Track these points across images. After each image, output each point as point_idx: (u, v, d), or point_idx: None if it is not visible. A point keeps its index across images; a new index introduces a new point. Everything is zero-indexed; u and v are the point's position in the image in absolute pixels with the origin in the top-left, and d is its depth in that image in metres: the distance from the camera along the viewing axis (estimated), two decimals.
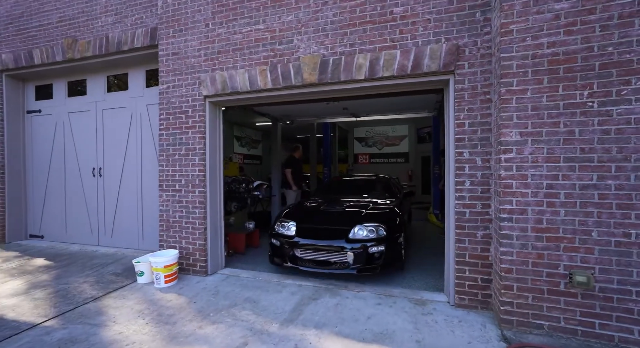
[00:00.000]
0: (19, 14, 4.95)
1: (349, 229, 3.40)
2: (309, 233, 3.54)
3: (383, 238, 3.32)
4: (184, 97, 3.68)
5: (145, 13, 4.23)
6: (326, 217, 3.81)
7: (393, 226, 3.51)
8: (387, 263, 3.33)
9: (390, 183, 5.35)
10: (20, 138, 5.39)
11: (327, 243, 3.35)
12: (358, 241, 3.29)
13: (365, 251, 3.25)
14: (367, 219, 3.55)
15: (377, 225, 3.40)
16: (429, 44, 2.81)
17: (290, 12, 3.22)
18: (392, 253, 3.39)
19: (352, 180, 5.74)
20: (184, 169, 3.68)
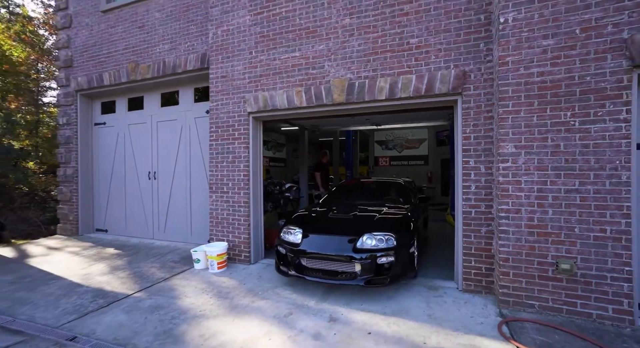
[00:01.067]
0: (91, 44, 5.88)
1: (356, 238, 3.19)
2: (315, 241, 3.35)
3: (393, 248, 3.11)
4: (231, 113, 4.39)
5: (195, 41, 5.00)
6: (334, 224, 3.62)
7: (404, 234, 3.31)
8: (398, 274, 3.15)
9: (404, 187, 4.90)
10: (89, 147, 6.34)
11: (333, 252, 3.17)
12: (366, 250, 3.09)
13: (374, 262, 3.05)
14: (377, 227, 3.33)
15: (387, 234, 3.18)
16: (440, 70, 3.34)
17: (322, 42, 3.85)
18: (403, 263, 3.20)
19: (365, 184, 5.33)
20: (231, 174, 4.39)
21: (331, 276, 3.18)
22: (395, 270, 3.12)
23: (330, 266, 3.22)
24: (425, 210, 5.38)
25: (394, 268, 3.11)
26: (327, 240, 3.34)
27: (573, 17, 2.68)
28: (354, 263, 3.09)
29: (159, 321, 2.77)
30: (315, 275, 3.24)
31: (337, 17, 3.75)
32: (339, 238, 3.28)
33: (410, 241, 3.35)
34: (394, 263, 3.10)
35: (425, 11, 3.40)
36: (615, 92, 2.57)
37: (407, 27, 3.46)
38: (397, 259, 3.12)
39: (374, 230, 3.27)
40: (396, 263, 3.11)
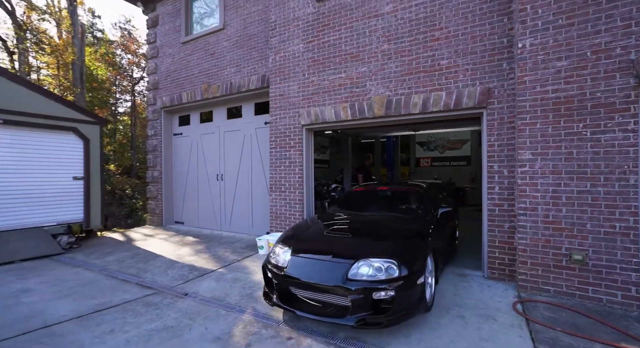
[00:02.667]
0: (173, 69, 7.19)
1: (350, 264, 2.59)
2: (303, 265, 2.79)
3: (395, 279, 2.46)
4: (287, 125, 5.27)
5: (257, 64, 5.97)
6: (328, 244, 3.04)
7: (412, 260, 2.65)
8: (400, 313, 2.48)
9: (426, 195, 4.11)
10: (170, 153, 7.69)
11: (320, 281, 2.58)
12: (359, 281, 2.47)
13: (369, 297, 2.42)
14: (378, 249, 2.73)
15: (387, 260, 2.56)
16: (467, 87, 3.87)
17: (364, 65, 4.55)
18: (407, 298, 2.52)
19: (379, 192, 4.54)
20: (288, 176, 5.27)
21: (319, 309, 2.61)
22: (398, 308, 2.44)
23: (320, 296, 2.62)
24: (452, 219, 4.47)
25: (396, 305, 2.42)
26: (316, 264, 2.74)
27: (584, 41, 3.09)
28: (346, 296, 2.47)
29: (240, 287, 3.69)
30: (302, 307, 2.67)
31: (376, 43, 4.43)
32: (330, 264, 2.67)
33: (420, 268, 2.64)
34: (395, 299, 2.41)
35: (454, 36, 3.95)
36: (624, 106, 2.94)
37: (437, 51, 4.04)
38: (399, 293, 2.43)
39: (374, 253, 2.65)
40: (398, 298, 2.42)
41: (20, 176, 5.67)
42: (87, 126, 6.51)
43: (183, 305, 3.23)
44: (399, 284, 2.46)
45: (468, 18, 3.88)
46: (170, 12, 7.31)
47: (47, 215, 6.01)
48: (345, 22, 4.66)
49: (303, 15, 5.04)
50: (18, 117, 5.53)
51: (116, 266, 4.60)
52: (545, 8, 3.27)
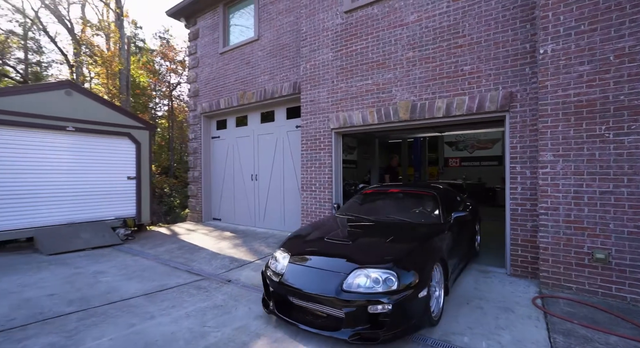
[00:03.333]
0: (212, 78, 7.83)
1: (345, 274, 2.47)
2: (299, 272, 2.70)
3: (393, 292, 2.30)
4: (317, 129, 5.64)
5: (289, 72, 6.40)
6: (325, 251, 2.89)
7: (414, 270, 2.47)
8: (399, 328, 2.32)
9: (439, 198, 3.81)
10: (209, 155, 8.36)
11: (315, 290, 2.46)
12: (355, 293, 2.34)
13: (364, 310, 2.29)
14: (377, 259, 2.57)
15: (386, 271, 2.40)
16: (490, 91, 4.03)
17: (390, 72, 4.82)
18: (407, 313, 2.35)
19: (389, 194, 4.27)
20: (318, 177, 5.64)
21: (314, 321, 2.52)
22: (396, 322, 2.30)
23: (315, 307, 2.52)
24: (470, 224, 4.22)
25: (394, 319, 2.28)
26: (312, 273, 2.63)
27: (607, 46, 3.18)
28: (340, 308, 2.36)
29: None
30: (297, 316, 2.59)
31: (402, 51, 4.68)
32: (325, 273, 2.56)
33: (423, 279, 2.47)
34: (393, 314, 2.26)
35: (477, 43, 4.12)
36: None
37: (461, 57, 4.22)
38: (398, 308, 2.27)
39: (372, 263, 2.51)
40: (396, 313, 2.27)
41: (87, 176, 6.50)
42: (139, 131, 7.28)
43: (228, 289, 3.69)
44: (398, 297, 2.28)
45: (491, 25, 4.04)
46: (210, 25, 7.95)
47: (107, 210, 6.83)
48: (371, 32, 4.95)
49: (332, 26, 5.39)
50: (86, 125, 6.36)
51: (167, 256, 5.21)
52: (567, 15, 3.38)
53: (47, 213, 5.99)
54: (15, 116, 5.53)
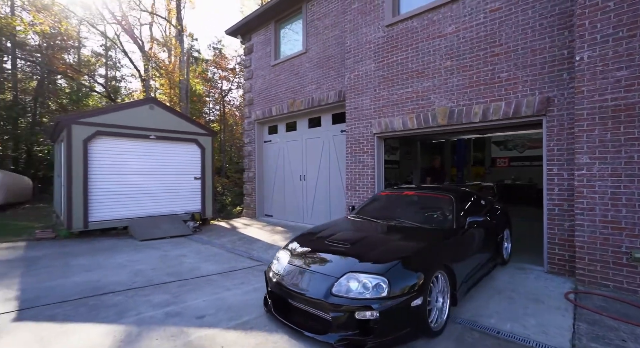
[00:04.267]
0: (264, 88, 8.72)
1: (336, 277, 2.45)
2: (294, 273, 2.73)
3: (382, 299, 2.25)
4: (361, 134, 6.15)
5: (334, 81, 6.99)
6: (324, 252, 2.88)
7: (408, 278, 2.40)
8: (388, 336, 2.26)
9: (453, 202, 3.60)
10: (262, 158, 9.27)
11: (307, 293, 2.48)
12: (343, 298, 2.31)
13: (351, 316, 2.25)
14: (369, 264, 2.52)
15: (377, 277, 2.34)
16: (526, 97, 4.22)
17: (429, 80, 5.16)
18: (397, 322, 2.30)
19: (403, 197, 4.19)
20: (361, 177, 6.15)
21: (305, 322, 2.54)
22: (385, 331, 2.24)
23: (307, 309, 2.51)
24: (490, 229, 3.98)
25: (382, 328, 2.23)
26: (306, 275, 2.64)
27: None
28: (328, 312, 2.34)
29: None
30: (292, 317, 2.63)
31: (440, 61, 5.01)
32: (318, 276, 2.56)
33: (419, 288, 2.37)
34: (381, 322, 2.22)
35: (514, 51, 4.33)
36: None
37: (497, 65, 4.46)
38: (386, 316, 2.22)
39: (363, 268, 2.48)
40: (384, 321, 2.22)
41: (164, 176, 7.71)
42: (203, 137, 8.38)
43: None
44: (387, 305, 2.23)
45: (528, 33, 4.23)
46: (262, 41, 8.84)
47: (179, 206, 8.00)
48: (411, 43, 5.33)
49: (374, 39, 5.86)
50: (163, 133, 7.56)
51: (230, 245, 6.08)
52: (605, 22, 3.51)
53: (137, 207, 7.26)
54: (114, 128, 6.82)
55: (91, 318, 2.85)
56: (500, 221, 4.36)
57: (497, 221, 4.25)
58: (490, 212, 4.24)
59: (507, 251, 4.54)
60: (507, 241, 4.57)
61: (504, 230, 4.42)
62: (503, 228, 4.38)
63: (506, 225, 4.53)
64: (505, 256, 4.44)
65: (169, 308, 3.03)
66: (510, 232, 4.68)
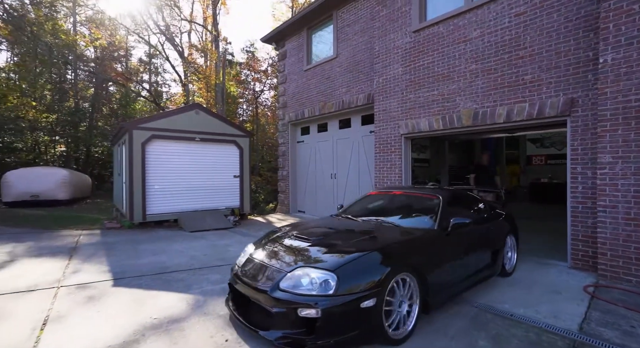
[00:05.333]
0: (297, 91, 9.28)
1: (286, 271, 2.37)
2: (251, 266, 2.68)
3: (327, 296, 2.13)
4: (388, 135, 6.49)
5: (363, 85, 7.36)
6: (284, 247, 2.82)
7: (362, 277, 2.26)
8: (333, 338, 2.11)
9: (443, 203, 3.36)
10: (295, 157, 9.86)
11: (257, 286, 2.40)
12: (288, 293, 2.21)
13: (294, 313, 2.14)
14: (321, 260, 2.44)
15: (327, 273, 2.23)
16: (550, 98, 4.37)
17: (454, 83, 5.40)
18: (343, 323, 2.15)
19: (387, 196, 4.10)
20: (389, 176, 6.49)
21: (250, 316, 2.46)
22: (329, 331, 2.11)
23: (257, 302, 2.39)
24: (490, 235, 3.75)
25: (326, 328, 2.10)
26: (261, 268, 2.57)
27: None
28: (273, 307, 2.24)
29: None
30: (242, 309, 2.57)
31: (465, 64, 5.23)
32: (270, 269, 2.50)
33: (373, 288, 2.22)
34: (324, 321, 2.09)
35: (538, 54, 4.48)
36: None
37: (522, 67, 4.62)
38: (329, 315, 2.09)
39: (315, 263, 2.39)
40: (327, 321, 2.09)
41: (207, 174, 8.52)
42: (242, 138, 9.11)
43: None
44: (332, 303, 2.10)
45: (552, 36, 4.36)
46: (295, 47, 9.40)
47: (220, 202, 8.79)
48: (437, 48, 5.59)
49: (402, 44, 6.16)
50: (207, 135, 8.36)
51: None
52: (630, 25, 3.61)
53: (184, 202, 8.12)
54: (166, 132, 7.70)
55: (166, 288, 3.52)
56: (502, 228, 3.98)
57: (496, 227, 3.89)
58: (489, 217, 3.93)
59: (511, 261, 4.09)
60: (512, 250, 4.12)
61: (506, 237, 3.98)
62: (505, 235, 3.96)
63: (510, 232, 4.09)
64: (508, 267, 3.99)
65: (223, 285, 3.63)
66: (516, 240, 4.25)
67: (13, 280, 3.68)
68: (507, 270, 3.98)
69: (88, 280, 3.72)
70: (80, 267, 4.19)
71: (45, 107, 18.72)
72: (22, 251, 4.94)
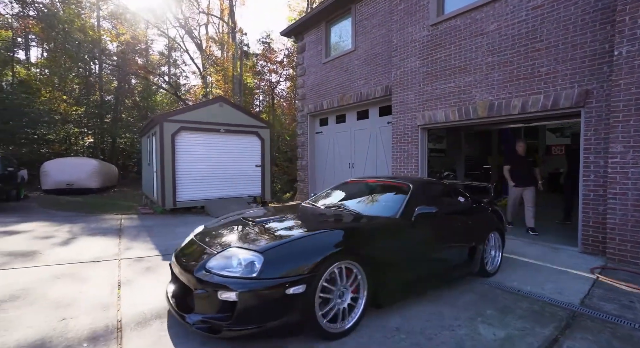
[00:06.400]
0: (316, 84, 9.56)
1: (216, 252, 2.27)
2: (191, 247, 2.60)
3: (249, 279, 1.98)
4: (406, 126, 6.72)
5: (381, 77, 7.57)
6: (225, 228, 2.77)
7: (288, 259, 2.10)
8: (248, 326, 1.95)
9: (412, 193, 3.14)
10: (313, 147, 10.21)
11: (185, 265, 2.31)
12: (214, 274, 2.07)
13: (214, 295, 1.99)
14: (252, 240, 2.39)
15: (254, 254, 2.09)
16: (565, 90, 4.51)
17: (470, 75, 5.57)
18: (264, 310, 1.98)
19: (359, 184, 3.98)
20: (406, 166, 6.76)
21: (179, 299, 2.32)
22: (246, 319, 1.95)
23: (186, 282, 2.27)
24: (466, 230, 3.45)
25: (244, 314, 1.94)
26: (198, 248, 2.49)
27: None
28: (196, 288, 2.11)
29: None
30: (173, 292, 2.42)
31: (482, 57, 5.38)
32: (204, 248, 2.41)
33: (301, 274, 2.05)
34: (243, 306, 1.93)
35: (554, 46, 4.60)
36: None
37: (537, 60, 4.75)
38: (248, 299, 1.94)
39: (247, 244, 2.28)
40: (248, 306, 1.94)
41: (230, 164, 9.00)
42: (263, 129, 9.51)
43: None
44: (251, 286, 1.94)
45: (569, 29, 4.48)
46: (314, 40, 9.63)
47: (243, 190, 9.28)
48: (454, 41, 5.74)
49: (419, 38, 6.33)
50: (230, 127, 8.81)
51: None
52: None
53: (210, 190, 8.65)
54: (193, 124, 8.18)
55: None
56: (484, 223, 3.68)
57: (477, 222, 3.59)
58: (468, 210, 3.71)
59: (495, 261, 3.76)
60: (495, 249, 3.80)
61: (489, 234, 3.66)
62: (487, 231, 3.64)
63: (494, 229, 3.76)
64: (490, 268, 3.65)
65: None
66: (501, 238, 3.86)
67: (81, 253, 4.24)
68: (488, 270, 3.58)
69: (141, 255, 4.24)
70: (130, 245, 4.72)
71: (74, 100, 19.71)
72: (78, 230, 5.54)
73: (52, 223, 6.11)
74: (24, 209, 7.78)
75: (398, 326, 2.47)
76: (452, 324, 2.53)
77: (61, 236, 5.13)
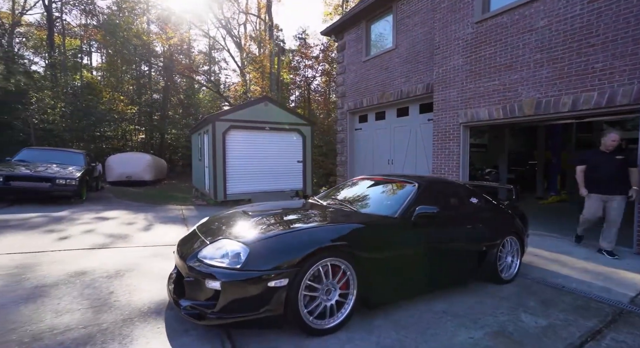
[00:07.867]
0: (356, 81, 9.79)
1: (209, 242, 2.41)
2: (187, 237, 2.82)
3: (234, 270, 2.08)
4: (447, 123, 6.79)
5: (422, 75, 7.64)
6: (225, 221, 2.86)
7: (274, 253, 2.17)
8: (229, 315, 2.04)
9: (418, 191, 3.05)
10: (353, 144, 10.49)
11: (181, 254, 2.47)
12: (204, 263, 2.20)
13: (202, 284, 2.11)
14: (242, 233, 2.44)
15: (242, 246, 2.20)
16: (622, 86, 4.39)
17: (516, 73, 5.52)
18: (244, 300, 2.06)
19: (372, 182, 3.73)
20: (447, 163, 6.84)
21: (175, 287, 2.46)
22: (228, 308, 2.04)
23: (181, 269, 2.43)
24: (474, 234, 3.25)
25: (226, 303, 2.03)
26: (194, 238, 2.65)
27: None
28: (188, 276, 2.25)
29: None
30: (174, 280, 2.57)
31: (529, 54, 5.32)
32: (199, 239, 2.56)
33: (285, 267, 2.10)
34: (225, 295, 2.03)
35: (612, 41, 4.47)
36: None
37: (592, 56, 4.64)
38: (230, 289, 2.04)
39: (235, 235, 2.40)
40: (229, 295, 2.04)
41: (275, 160, 9.56)
42: (304, 127, 9.94)
43: None
44: (234, 276, 2.05)
45: (630, 22, 4.33)
46: (354, 38, 9.83)
47: (286, 184, 9.82)
48: (500, 38, 5.70)
49: (463, 36, 6.33)
50: (275, 125, 9.34)
51: None
52: None
53: (256, 184, 9.28)
54: (241, 122, 8.80)
55: None
56: (500, 227, 3.47)
57: (491, 225, 3.39)
58: (481, 212, 3.51)
59: (512, 268, 3.53)
60: (513, 254, 3.56)
61: (504, 238, 3.42)
62: (503, 235, 3.42)
63: (512, 233, 3.54)
64: (506, 275, 3.43)
65: None
66: (520, 242, 3.60)
67: (162, 237, 4.90)
68: (502, 277, 3.37)
69: None
70: None
71: (129, 100, 21.55)
72: (152, 219, 6.35)
73: (130, 212, 7.01)
74: (104, 199, 8.90)
75: (445, 309, 2.75)
76: (494, 312, 2.76)
77: (141, 223, 5.93)
